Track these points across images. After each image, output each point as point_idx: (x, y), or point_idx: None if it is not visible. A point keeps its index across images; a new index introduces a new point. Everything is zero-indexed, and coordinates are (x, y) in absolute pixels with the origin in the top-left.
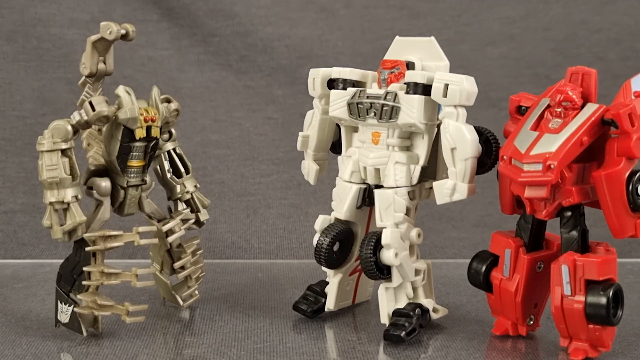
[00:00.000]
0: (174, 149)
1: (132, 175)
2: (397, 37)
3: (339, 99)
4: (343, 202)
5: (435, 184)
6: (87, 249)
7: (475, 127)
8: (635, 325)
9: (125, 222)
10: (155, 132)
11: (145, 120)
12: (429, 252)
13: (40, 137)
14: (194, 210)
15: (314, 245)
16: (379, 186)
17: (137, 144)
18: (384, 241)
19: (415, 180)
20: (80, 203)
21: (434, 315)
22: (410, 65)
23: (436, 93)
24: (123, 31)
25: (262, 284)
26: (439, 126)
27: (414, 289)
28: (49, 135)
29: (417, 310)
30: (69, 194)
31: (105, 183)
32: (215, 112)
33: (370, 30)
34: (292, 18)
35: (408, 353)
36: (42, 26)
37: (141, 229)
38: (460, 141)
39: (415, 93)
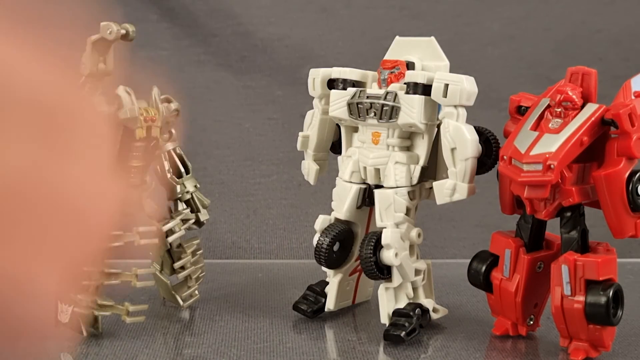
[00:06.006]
0: (174, 149)
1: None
2: (397, 37)
3: (339, 99)
4: (343, 202)
5: (435, 184)
6: None
7: (475, 127)
8: (635, 325)
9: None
10: (155, 132)
11: (145, 121)
12: (429, 252)
13: None
14: (194, 210)
15: (314, 245)
16: (379, 186)
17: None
18: (384, 241)
19: (415, 180)
20: None
21: (434, 315)
22: (410, 65)
23: (436, 93)
24: (123, 31)
25: (262, 284)
26: (439, 126)
27: (414, 289)
28: None
29: (417, 310)
30: None
31: None
32: (215, 112)
33: (370, 30)
34: (292, 18)
35: (408, 353)
36: None
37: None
38: (460, 141)
39: (415, 93)
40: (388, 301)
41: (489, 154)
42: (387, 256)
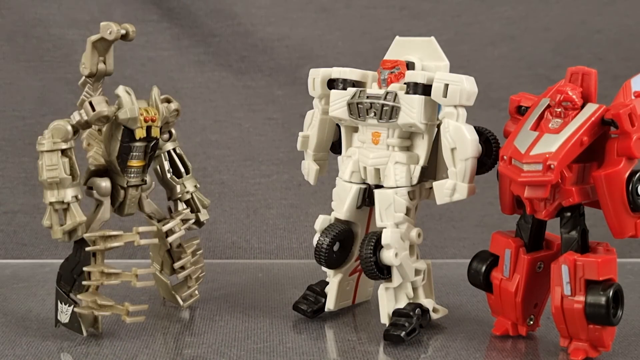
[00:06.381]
0: (174, 149)
1: (132, 175)
2: (397, 37)
3: (339, 99)
4: (343, 202)
5: (435, 184)
6: (87, 249)
7: (475, 127)
8: (635, 325)
9: (125, 222)
10: (155, 132)
11: (145, 120)
12: (429, 252)
13: (40, 137)
14: (194, 210)
15: (314, 245)
16: (379, 186)
17: (137, 144)
18: (384, 241)
19: (415, 180)
20: (80, 203)
21: (434, 315)
22: (410, 65)
23: (436, 93)
24: (123, 31)
25: (262, 284)
26: (439, 126)
27: (414, 289)
28: (49, 135)
29: (417, 310)
30: (69, 194)
31: (105, 183)
32: (215, 112)
33: (370, 30)
34: (292, 18)
35: (408, 353)
36: (42, 26)
37: (141, 229)
38: (460, 141)
39: (415, 93)
40: (388, 301)
41: (489, 154)
42: (387, 256)
